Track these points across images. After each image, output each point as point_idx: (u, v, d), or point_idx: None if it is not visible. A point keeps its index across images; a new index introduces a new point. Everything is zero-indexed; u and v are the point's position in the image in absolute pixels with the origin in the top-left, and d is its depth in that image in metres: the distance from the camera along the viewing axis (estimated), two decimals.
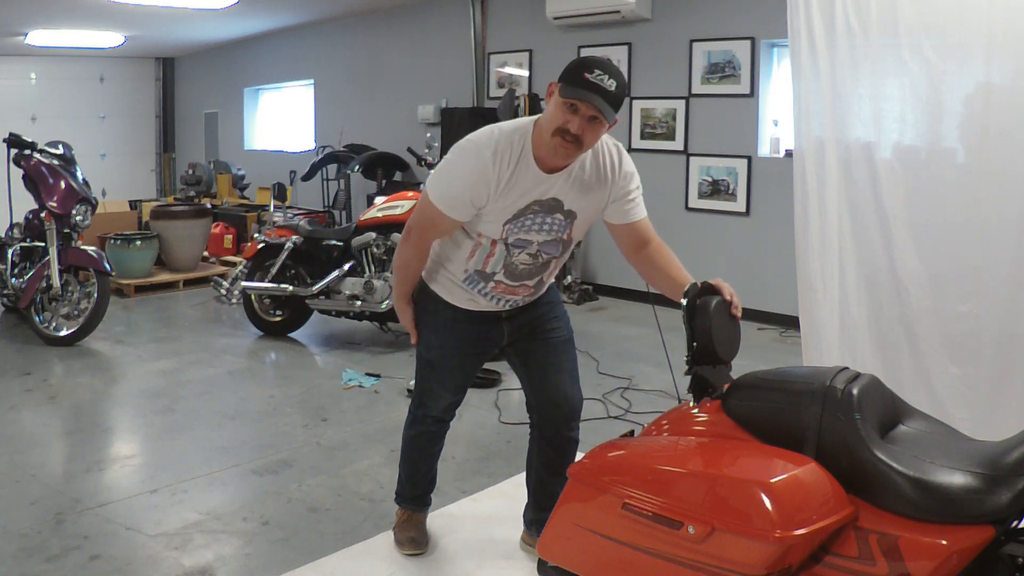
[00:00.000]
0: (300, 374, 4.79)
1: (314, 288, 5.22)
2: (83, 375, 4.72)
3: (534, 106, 7.33)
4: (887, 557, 1.47)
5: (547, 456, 2.61)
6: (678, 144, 6.47)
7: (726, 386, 1.86)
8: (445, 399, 2.61)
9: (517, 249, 2.30)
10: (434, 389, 2.60)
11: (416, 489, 2.77)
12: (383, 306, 5.07)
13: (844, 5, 3.08)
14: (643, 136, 6.69)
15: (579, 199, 2.26)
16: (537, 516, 2.64)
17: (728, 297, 1.97)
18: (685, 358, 1.89)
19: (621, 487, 1.66)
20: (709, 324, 1.87)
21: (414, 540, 2.74)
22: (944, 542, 1.43)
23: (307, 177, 8.73)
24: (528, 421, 2.67)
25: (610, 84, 2.06)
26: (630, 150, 6.58)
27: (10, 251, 5.60)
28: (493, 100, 7.74)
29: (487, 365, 4.57)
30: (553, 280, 2.54)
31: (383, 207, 5.19)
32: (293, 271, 5.45)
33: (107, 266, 5.30)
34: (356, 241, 5.20)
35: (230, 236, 8.10)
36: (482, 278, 2.36)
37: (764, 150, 6.13)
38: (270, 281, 5.41)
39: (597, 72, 2.05)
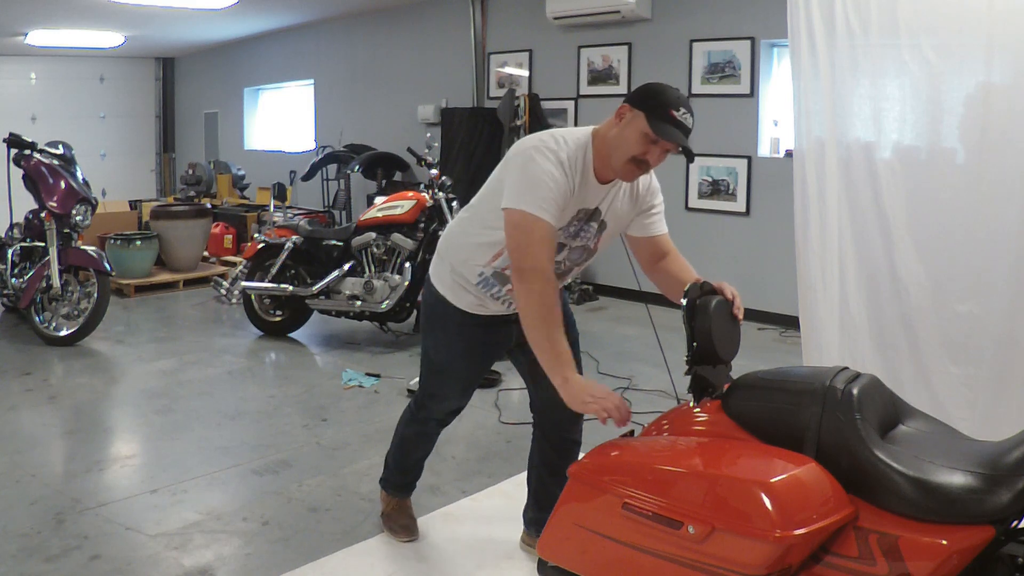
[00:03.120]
0: (300, 374, 4.79)
1: (314, 288, 5.22)
2: (83, 375, 4.72)
3: (534, 106, 7.33)
4: (887, 557, 1.47)
5: (548, 457, 2.61)
6: None
7: (726, 386, 1.86)
8: (452, 403, 2.63)
9: None
10: (441, 393, 2.60)
11: (405, 477, 2.85)
12: (383, 306, 5.07)
13: (844, 5, 3.08)
14: None
15: (614, 211, 2.28)
16: (537, 516, 2.64)
17: (730, 298, 1.97)
18: (685, 358, 1.89)
19: (621, 487, 1.66)
20: (709, 324, 1.87)
21: (407, 527, 2.83)
22: (944, 542, 1.43)
23: (307, 177, 8.74)
24: (530, 421, 2.68)
25: (690, 121, 2.08)
26: None
27: (10, 251, 5.61)
28: (493, 100, 7.74)
29: None
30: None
31: (383, 207, 5.19)
32: (293, 271, 5.45)
33: (107, 266, 5.30)
34: (356, 241, 5.20)
35: (230, 236, 8.10)
36: (499, 280, 2.33)
37: (764, 150, 6.13)
38: (270, 281, 5.41)
39: (683, 111, 2.06)
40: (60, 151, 5.49)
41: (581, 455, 1.91)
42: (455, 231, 2.45)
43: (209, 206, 8.21)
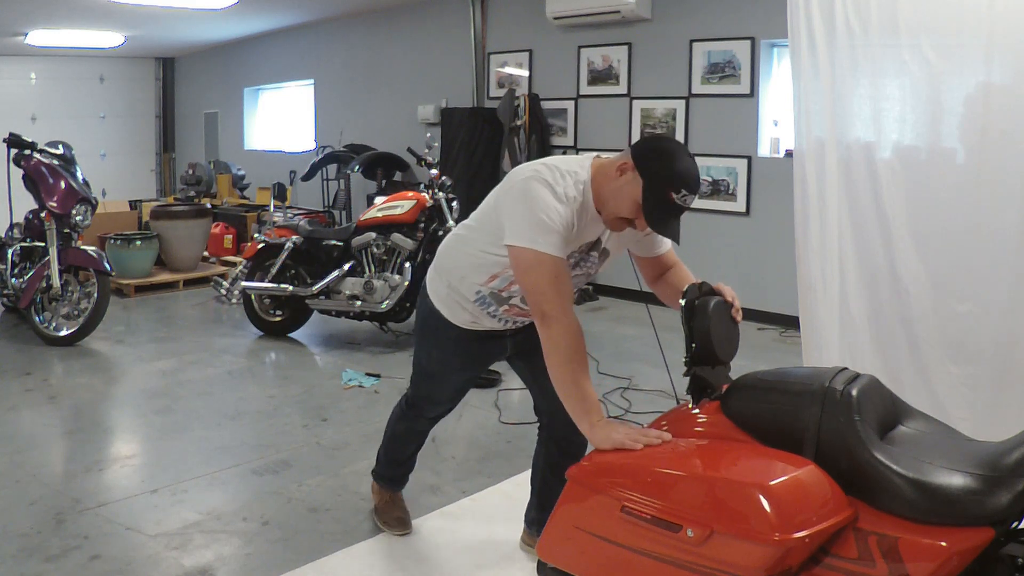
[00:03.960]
0: (300, 374, 4.79)
1: (314, 288, 5.22)
2: (83, 375, 4.72)
3: (534, 106, 7.33)
4: (887, 559, 1.47)
5: (554, 457, 2.60)
6: None
7: (725, 387, 1.85)
8: (443, 406, 2.69)
9: None
10: (433, 397, 2.65)
11: (398, 471, 2.88)
12: (383, 306, 5.07)
13: (844, 5, 3.08)
14: (643, 136, 6.69)
15: (614, 239, 2.24)
16: (540, 516, 2.64)
17: (730, 300, 1.97)
18: (684, 359, 1.89)
19: (620, 489, 1.65)
20: (708, 325, 1.87)
21: (401, 520, 2.86)
22: (944, 543, 1.43)
23: (307, 177, 8.73)
24: (533, 422, 2.68)
25: (690, 201, 1.93)
26: None
27: (10, 251, 5.61)
28: (493, 100, 7.74)
29: None
30: None
31: (383, 207, 5.19)
32: (293, 271, 5.45)
33: (107, 266, 5.30)
34: (356, 241, 5.20)
35: (230, 236, 8.10)
36: (496, 300, 2.32)
37: (764, 150, 6.13)
38: (270, 281, 5.41)
39: (683, 193, 1.91)
40: (60, 151, 5.49)
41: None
42: (451, 248, 2.40)
43: (209, 206, 8.21)
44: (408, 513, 2.90)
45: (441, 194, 5.13)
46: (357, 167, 8.08)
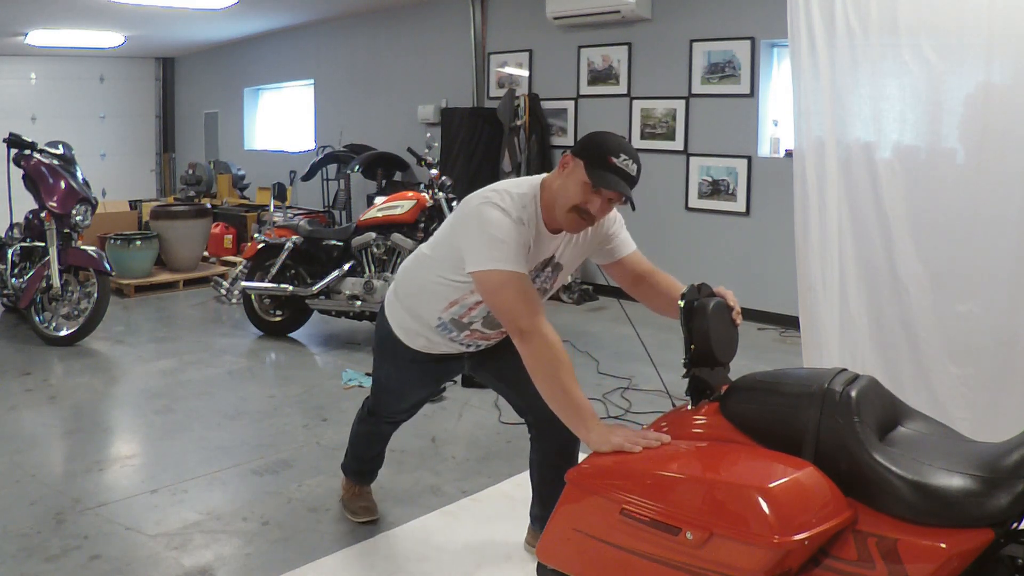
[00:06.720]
0: (300, 374, 4.79)
1: (314, 288, 5.22)
2: (83, 375, 4.72)
3: (534, 106, 7.33)
4: (886, 560, 1.47)
5: (549, 455, 2.59)
6: (678, 144, 6.47)
7: (724, 388, 1.85)
8: (404, 415, 2.76)
9: None
10: (392, 407, 2.72)
11: (363, 467, 2.93)
12: None
13: (844, 5, 3.08)
14: (643, 136, 6.68)
15: (568, 253, 2.27)
16: (542, 512, 2.63)
17: (732, 304, 1.97)
18: (683, 360, 1.89)
19: (619, 492, 1.65)
20: (707, 326, 1.87)
21: (367, 508, 2.93)
22: (943, 545, 1.43)
23: (307, 177, 8.73)
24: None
25: (633, 168, 2.03)
26: None
27: (10, 251, 5.61)
28: (493, 100, 7.74)
29: None
30: None
31: (383, 207, 5.19)
32: (293, 271, 5.45)
33: (107, 266, 5.30)
34: (356, 241, 5.20)
35: (230, 236, 8.10)
36: (457, 327, 2.34)
37: (764, 150, 6.13)
38: (270, 281, 5.41)
39: (623, 157, 2.02)
40: (60, 151, 5.49)
41: (584, 455, 1.90)
42: (411, 272, 2.42)
43: (209, 206, 8.20)
44: (375, 503, 2.97)
45: (441, 194, 5.12)
46: (357, 167, 8.08)
